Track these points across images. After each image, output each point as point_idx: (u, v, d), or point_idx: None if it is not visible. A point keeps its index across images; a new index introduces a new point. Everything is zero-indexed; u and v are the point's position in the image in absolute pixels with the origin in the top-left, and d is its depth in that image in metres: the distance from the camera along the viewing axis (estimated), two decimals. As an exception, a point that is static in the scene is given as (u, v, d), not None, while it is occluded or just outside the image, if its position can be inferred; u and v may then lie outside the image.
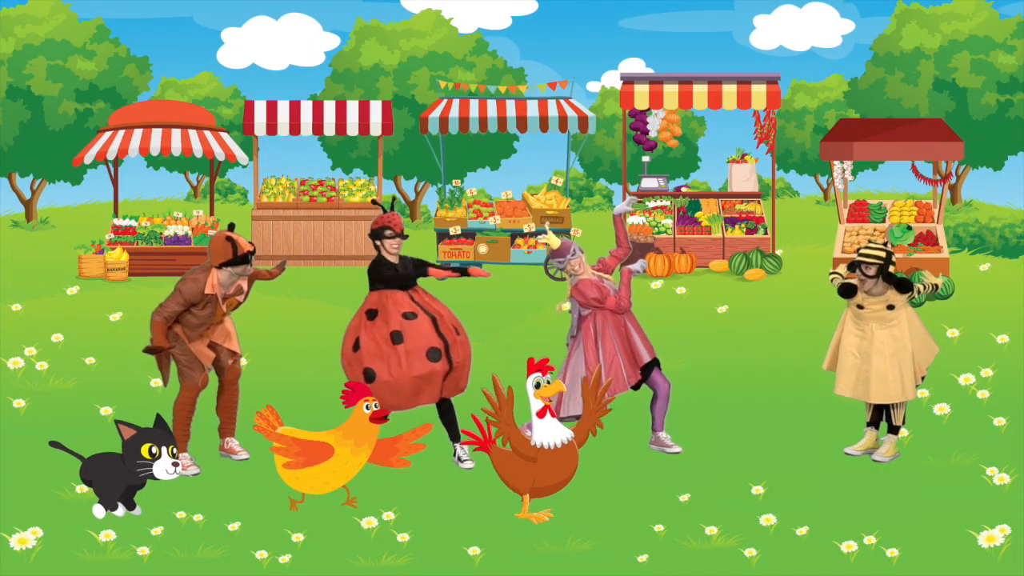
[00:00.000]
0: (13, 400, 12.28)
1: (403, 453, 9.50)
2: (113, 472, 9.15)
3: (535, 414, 9.20)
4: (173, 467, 9.06)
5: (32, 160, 30.79)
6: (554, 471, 9.14)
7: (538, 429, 9.18)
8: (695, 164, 40.19)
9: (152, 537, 8.63)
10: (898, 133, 22.71)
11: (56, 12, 30.75)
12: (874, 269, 10.57)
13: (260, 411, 9.45)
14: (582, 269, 10.92)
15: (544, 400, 9.19)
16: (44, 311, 17.67)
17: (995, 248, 25.41)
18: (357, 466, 9.33)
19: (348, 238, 23.81)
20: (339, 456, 9.25)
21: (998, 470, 9.81)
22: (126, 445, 9.10)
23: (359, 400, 9.33)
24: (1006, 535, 8.38)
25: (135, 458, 9.06)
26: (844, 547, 8.38)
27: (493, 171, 33.57)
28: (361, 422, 9.30)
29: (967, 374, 12.31)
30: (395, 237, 10.56)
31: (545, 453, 9.13)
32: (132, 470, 9.07)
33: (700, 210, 23.85)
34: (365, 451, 9.32)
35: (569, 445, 9.15)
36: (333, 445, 9.27)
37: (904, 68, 32.45)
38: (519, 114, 23.97)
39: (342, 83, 32.62)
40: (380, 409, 9.32)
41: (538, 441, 9.15)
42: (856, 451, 10.83)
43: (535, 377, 9.24)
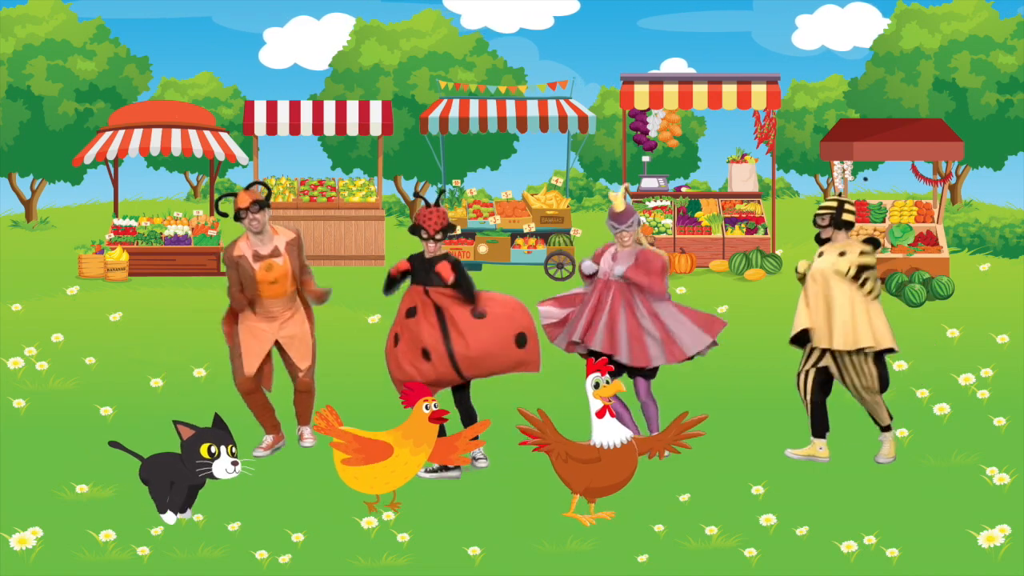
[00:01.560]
0: (13, 400, 12.28)
1: (462, 451, 9.47)
2: (173, 472, 9.12)
3: (594, 414, 9.17)
4: (232, 466, 9.02)
5: (32, 160, 30.81)
6: (614, 471, 9.11)
7: (598, 429, 9.15)
8: (695, 164, 40.22)
9: (152, 537, 8.63)
10: (898, 133, 22.72)
11: (56, 12, 30.76)
12: (827, 219, 10.69)
13: (320, 411, 9.43)
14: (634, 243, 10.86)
15: (603, 400, 9.16)
16: (44, 311, 17.67)
17: (995, 248, 25.42)
18: (416, 466, 9.29)
19: (348, 238, 23.82)
20: (398, 456, 9.21)
21: (998, 470, 9.81)
22: (185, 445, 9.05)
23: (418, 400, 9.30)
24: (1006, 535, 8.38)
25: (194, 458, 9.02)
26: (844, 547, 8.38)
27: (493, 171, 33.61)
28: (420, 422, 9.27)
29: (967, 374, 12.30)
30: (429, 240, 10.41)
31: (607, 453, 9.11)
32: (192, 470, 9.04)
33: (700, 210, 23.85)
34: (424, 451, 9.28)
35: (629, 446, 9.12)
36: (393, 445, 9.24)
37: (904, 68, 32.46)
38: (519, 114, 23.98)
39: (342, 83, 32.64)
40: (439, 409, 9.28)
41: (598, 441, 9.13)
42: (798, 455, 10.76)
43: (594, 377, 9.22)
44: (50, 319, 16.76)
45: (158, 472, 9.13)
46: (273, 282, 10.67)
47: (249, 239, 10.70)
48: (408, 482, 9.32)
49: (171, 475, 9.08)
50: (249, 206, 10.53)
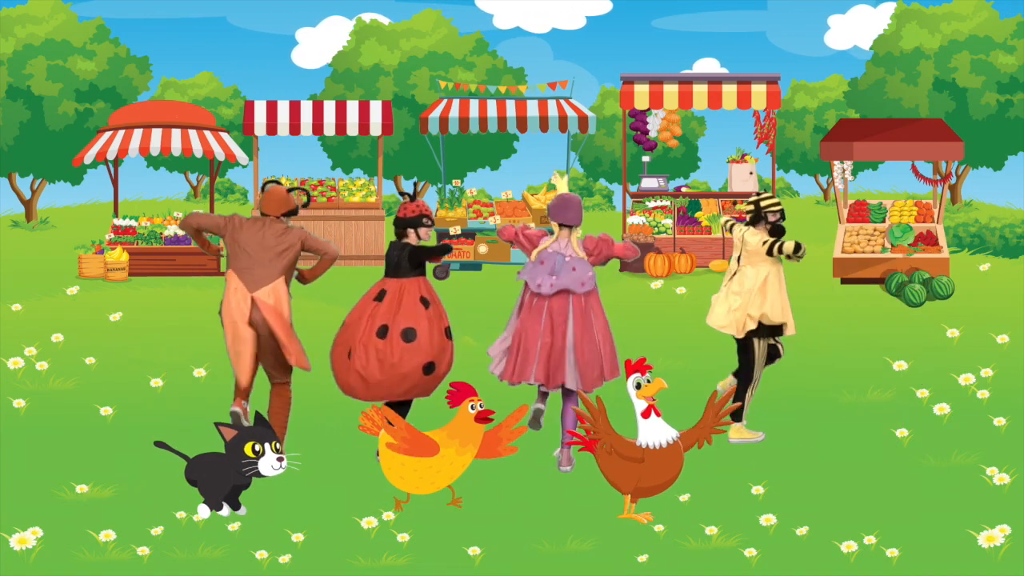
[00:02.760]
0: (13, 400, 12.28)
1: (507, 440, 9.45)
2: (219, 472, 9.11)
3: (639, 414, 9.16)
4: (278, 462, 9.01)
5: (32, 160, 30.81)
6: (660, 471, 9.11)
7: (643, 429, 9.14)
8: (695, 164, 40.22)
9: (152, 537, 8.63)
10: (898, 133, 22.70)
11: (56, 12, 30.75)
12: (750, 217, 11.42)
13: (366, 411, 9.39)
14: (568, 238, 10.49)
15: (647, 399, 9.15)
16: (44, 311, 17.66)
17: (995, 248, 25.41)
18: (462, 466, 9.28)
19: (348, 238, 23.81)
20: (444, 456, 9.20)
21: (998, 470, 9.81)
22: (229, 445, 9.04)
23: (464, 400, 9.28)
24: (1006, 535, 8.38)
25: (239, 457, 9.02)
26: (844, 547, 8.38)
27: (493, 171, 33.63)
28: (466, 422, 9.25)
29: (967, 374, 12.30)
30: (432, 226, 10.74)
31: (652, 453, 9.10)
32: (237, 470, 9.03)
33: (700, 210, 23.85)
34: (470, 451, 9.26)
35: (675, 445, 9.12)
36: (439, 444, 9.22)
37: (904, 68, 32.46)
38: (519, 114, 23.97)
39: (342, 83, 32.64)
40: (485, 409, 9.26)
41: (643, 441, 9.12)
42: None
43: (635, 378, 9.21)
44: (50, 319, 16.75)
45: (204, 471, 9.12)
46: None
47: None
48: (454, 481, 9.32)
49: (217, 474, 9.07)
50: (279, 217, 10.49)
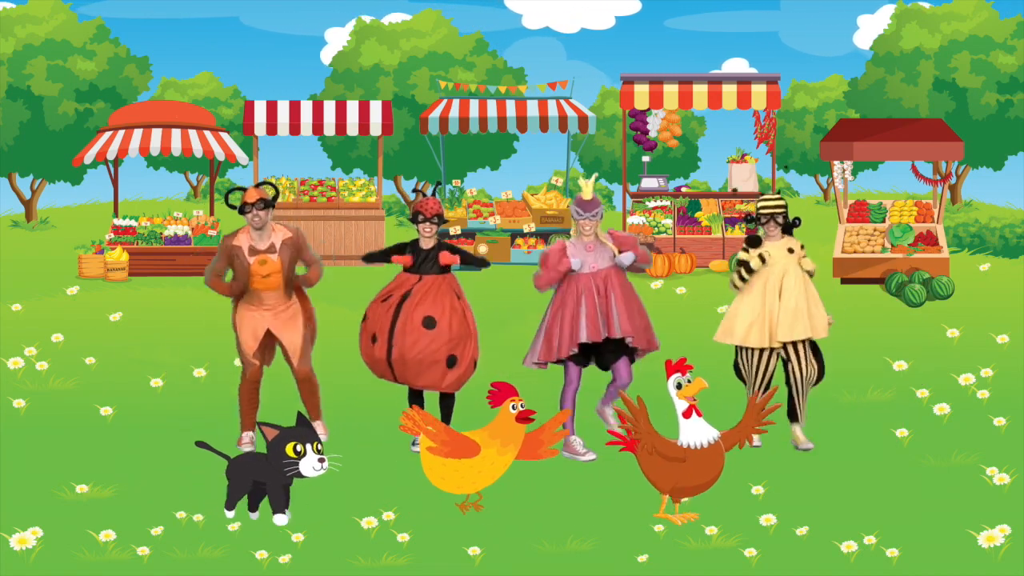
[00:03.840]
0: (13, 400, 12.28)
1: (549, 444, 9.44)
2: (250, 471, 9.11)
3: (680, 414, 9.16)
4: (319, 463, 9.01)
5: (32, 160, 30.80)
6: (701, 471, 9.11)
7: (684, 429, 9.14)
8: (695, 164, 40.20)
9: (152, 537, 8.63)
10: (898, 133, 22.71)
11: (56, 12, 30.75)
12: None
13: (407, 411, 9.40)
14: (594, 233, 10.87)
15: (688, 400, 9.15)
16: (44, 311, 17.67)
17: (995, 248, 25.42)
18: (503, 466, 9.26)
19: (348, 238, 23.82)
20: (485, 456, 9.19)
21: (998, 470, 9.81)
22: (270, 446, 9.04)
23: (505, 400, 9.27)
24: (1006, 535, 8.38)
25: (281, 458, 9.01)
26: (844, 547, 8.38)
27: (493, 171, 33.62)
28: (507, 422, 9.23)
29: (967, 374, 12.30)
30: (425, 222, 10.94)
31: (693, 453, 9.10)
32: (279, 470, 9.03)
33: (700, 210, 23.85)
34: (511, 451, 9.24)
35: (716, 445, 9.12)
36: (480, 444, 9.22)
37: (904, 68, 32.46)
38: (519, 114, 23.98)
39: (342, 83, 32.64)
40: (527, 409, 9.26)
41: (685, 441, 9.12)
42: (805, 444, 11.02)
43: (676, 378, 9.20)
44: (50, 319, 16.75)
45: (241, 472, 9.12)
46: (266, 276, 10.92)
47: (249, 233, 11.01)
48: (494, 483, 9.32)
49: (259, 475, 9.06)
50: (255, 202, 10.83)
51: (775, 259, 11.07)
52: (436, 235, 11.02)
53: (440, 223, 11.01)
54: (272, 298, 10.99)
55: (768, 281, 11.09)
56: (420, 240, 11.04)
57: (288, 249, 11.00)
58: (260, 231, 10.96)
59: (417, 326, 10.75)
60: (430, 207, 10.98)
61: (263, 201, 10.91)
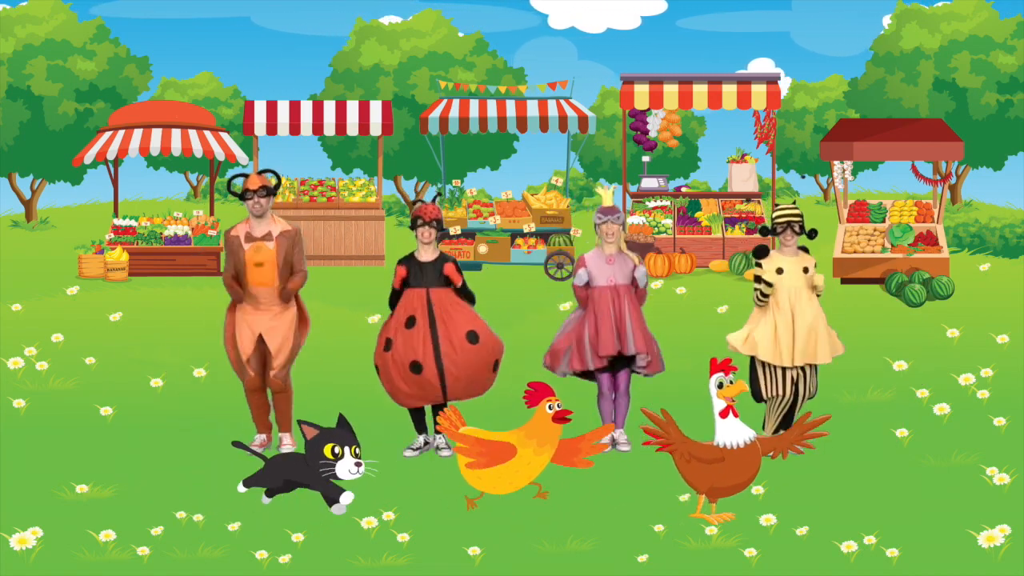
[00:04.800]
0: (13, 400, 12.28)
1: (586, 453, 9.43)
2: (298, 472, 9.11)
3: (718, 414, 9.17)
4: (356, 467, 8.99)
5: (32, 160, 30.80)
6: (737, 471, 9.11)
7: (721, 429, 9.15)
8: (695, 164, 40.20)
9: (152, 537, 8.63)
10: (898, 133, 22.71)
11: (56, 12, 30.75)
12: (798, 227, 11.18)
13: (443, 411, 9.38)
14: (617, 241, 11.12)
15: (727, 400, 9.16)
16: (44, 311, 17.67)
17: (995, 248, 25.42)
18: (540, 466, 9.27)
19: (348, 238, 23.81)
20: (522, 456, 9.19)
21: (998, 470, 9.81)
22: (309, 445, 9.03)
23: (542, 400, 9.27)
24: (1006, 535, 8.38)
25: (318, 458, 9.00)
26: (844, 547, 8.38)
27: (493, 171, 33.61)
28: (544, 422, 9.24)
29: (967, 374, 12.30)
30: (424, 226, 10.88)
31: (731, 453, 9.10)
32: (315, 470, 9.02)
33: (700, 210, 23.85)
34: (548, 451, 9.25)
35: (752, 445, 9.12)
36: (516, 445, 9.21)
37: (904, 68, 32.46)
38: (519, 114, 23.97)
39: (342, 83, 32.64)
40: (563, 409, 9.26)
41: (721, 441, 9.12)
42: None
43: (718, 377, 9.21)
44: (50, 319, 16.76)
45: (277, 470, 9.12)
46: (259, 264, 10.81)
47: (249, 222, 10.98)
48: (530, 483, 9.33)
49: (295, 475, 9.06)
50: (257, 189, 10.80)
51: (792, 277, 11.04)
52: (435, 241, 10.96)
53: (439, 229, 10.95)
54: (266, 297, 10.88)
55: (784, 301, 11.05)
56: (418, 249, 10.96)
57: (285, 241, 10.92)
58: (259, 219, 10.92)
59: (464, 344, 10.74)
60: (429, 212, 10.92)
61: (265, 188, 10.86)
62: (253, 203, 10.86)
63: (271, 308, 10.94)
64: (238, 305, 10.99)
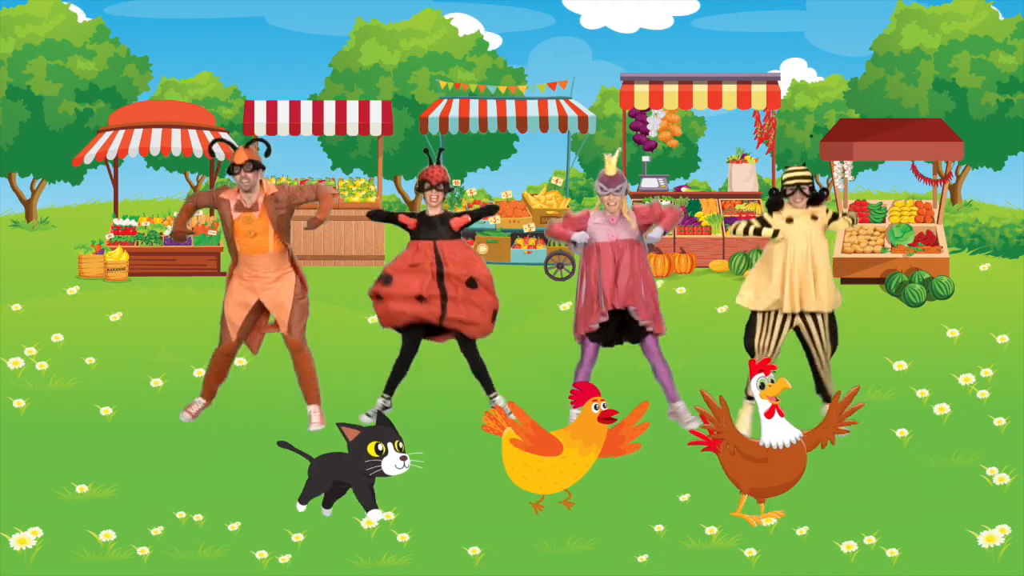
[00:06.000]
0: (13, 400, 12.28)
1: (630, 438, 9.41)
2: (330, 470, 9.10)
3: (763, 414, 9.16)
4: (401, 461, 8.99)
5: (32, 160, 30.80)
6: (783, 471, 9.10)
7: (767, 429, 9.14)
8: (695, 164, 40.18)
9: (152, 537, 8.62)
10: (898, 133, 22.71)
11: (56, 12, 30.75)
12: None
13: (489, 411, 9.38)
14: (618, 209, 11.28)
15: (771, 400, 9.15)
16: (44, 311, 17.67)
17: (995, 248, 25.42)
18: (586, 466, 9.24)
19: (348, 238, 23.81)
20: (567, 456, 9.17)
21: (998, 470, 9.81)
22: (352, 446, 9.02)
23: (587, 400, 9.26)
24: (1006, 535, 8.38)
25: (363, 458, 8.99)
26: (844, 547, 8.38)
27: (493, 171, 33.61)
28: (589, 422, 9.22)
29: (967, 374, 12.30)
30: (431, 189, 11.16)
31: (775, 453, 9.09)
32: (361, 470, 9.01)
33: (700, 210, 23.85)
34: (594, 450, 9.22)
35: (798, 445, 9.11)
36: (563, 444, 9.21)
37: (904, 68, 32.45)
38: (519, 114, 23.97)
39: (342, 83, 32.63)
40: (609, 409, 9.24)
41: (767, 441, 9.11)
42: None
43: (759, 378, 9.19)
44: (50, 319, 16.76)
45: (323, 470, 9.11)
46: (252, 235, 10.84)
47: (239, 192, 11.00)
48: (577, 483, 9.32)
49: (342, 474, 9.05)
50: (244, 163, 10.79)
51: (800, 227, 11.21)
52: (441, 204, 11.18)
53: (446, 191, 11.18)
54: (262, 264, 10.91)
55: (793, 249, 11.27)
56: (427, 209, 11.25)
57: (271, 204, 10.91)
58: (249, 193, 10.91)
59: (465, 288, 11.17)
60: (436, 175, 11.09)
61: (252, 163, 10.84)
62: (241, 177, 10.85)
63: (267, 274, 10.93)
64: (235, 271, 11.03)
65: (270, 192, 10.95)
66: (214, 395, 11.39)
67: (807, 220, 11.38)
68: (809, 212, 11.42)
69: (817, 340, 11.42)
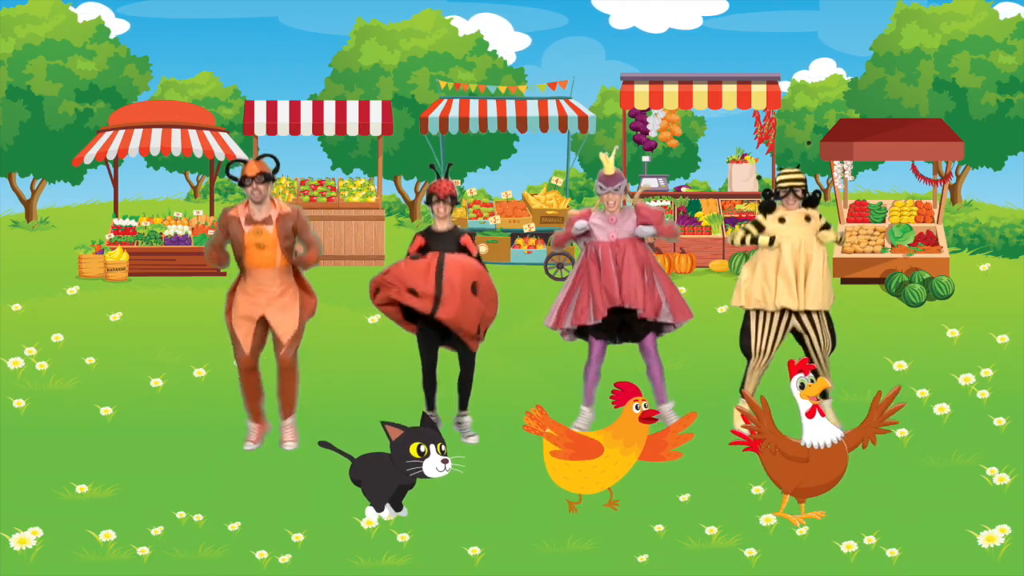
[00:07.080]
0: (13, 400, 12.28)
1: (672, 446, 9.41)
2: (383, 472, 9.09)
3: (804, 415, 9.16)
4: (443, 464, 8.98)
5: (32, 160, 30.80)
6: (824, 471, 9.09)
7: (808, 429, 9.13)
8: (695, 164, 40.21)
9: (152, 537, 8.62)
10: (898, 133, 22.71)
11: (56, 12, 30.75)
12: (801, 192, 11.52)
13: (530, 411, 9.36)
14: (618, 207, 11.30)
15: (811, 400, 9.15)
16: (44, 311, 17.67)
17: (995, 248, 25.42)
18: (627, 466, 9.23)
19: (348, 238, 23.81)
20: (608, 456, 9.17)
21: (998, 470, 9.81)
22: (394, 445, 9.01)
23: (628, 400, 9.26)
24: (1006, 535, 8.38)
25: (404, 458, 8.98)
26: (844, 547, 8.38)
27: (493, 171, 33.60)
28: (631, 422, 9.21)
29: (967, 374, 12.30)
30: (439, 202, 11.09)
31: (816, 453, 9.09)
32: (402, 470, 9.00)
33: (700, 210, 23.85)
34: (635, 451, 9.22)
35: (839, 445, 9.10)
36: (603, 445, 9.21)
37: (904, 68, 32.45)
38: (519, 114, 23.97)
39: (342, 83, 32.63)
40: (650, 409, 9.23)
41: (808, 441, 9.11)
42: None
43: (799, 378, 9.18)
44: (50, 319, 16.76)
45: (369, 471, 9.10)
46: (260, 247, 10.83)
47: (248, 206, 10.98)
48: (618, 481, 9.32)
49: (382, 474, 9.05)
50: (256, 175, 10.81)
51: (793, 227, 11.31)
52: (449, 217, 11.16)
53: (453, 204, 11.14)
54: (268, 279, 10.90)
55: (786, 249, 11.30)
56: (434, 223, 11.20)
57: (284, 223, 10.92)
58: (260, 205, 10.92)
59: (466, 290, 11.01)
60: (444, 188, 11.10)
61: (264, 175, 10.86)
62: (252, 189, 10.87)
63: (272, 289, 10.92)
64: (239, 286, 11.01)
65: (286, 211, 10.96)
66: (262, 414, 11.17)
67: (800, 220, 11.42)
68: (803, 212, 11.45)
69: (814, 339, 11.42)
